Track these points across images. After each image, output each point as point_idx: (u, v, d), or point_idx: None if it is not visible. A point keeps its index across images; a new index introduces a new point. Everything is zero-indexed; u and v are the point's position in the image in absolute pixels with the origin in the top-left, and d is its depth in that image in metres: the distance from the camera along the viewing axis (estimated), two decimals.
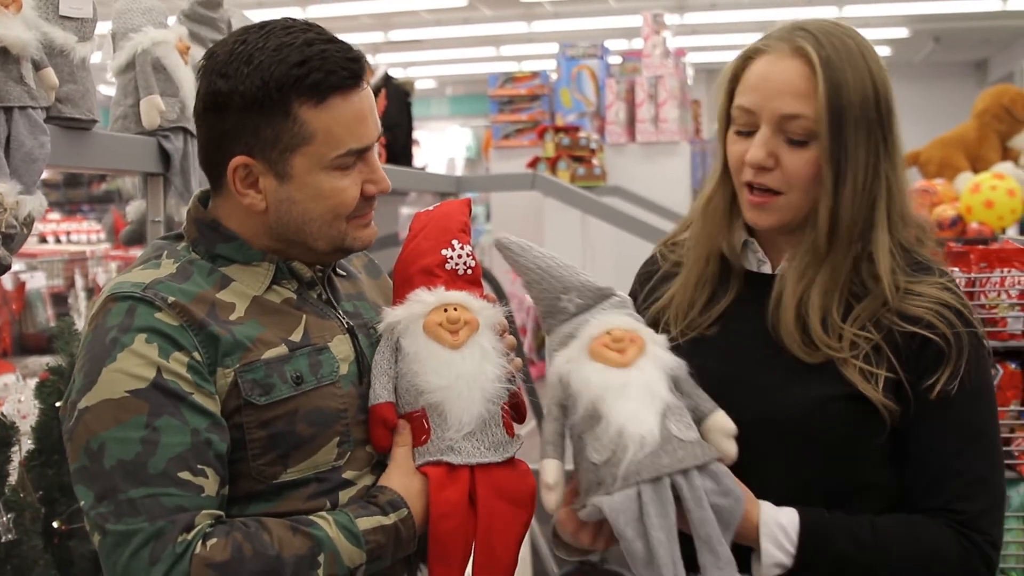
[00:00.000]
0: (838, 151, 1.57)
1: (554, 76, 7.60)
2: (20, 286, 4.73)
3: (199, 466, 1.42)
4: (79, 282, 5.14)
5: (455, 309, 1.61)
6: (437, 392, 1.57)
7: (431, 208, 1.76)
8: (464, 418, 1.56)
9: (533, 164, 6.15)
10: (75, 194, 9.73)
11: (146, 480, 1.40)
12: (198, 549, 1.38)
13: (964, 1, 12.64)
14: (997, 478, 1.63)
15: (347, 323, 1.64)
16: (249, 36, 1.53)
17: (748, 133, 1.62)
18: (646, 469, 1.45)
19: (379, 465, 1.61)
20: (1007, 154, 6.85)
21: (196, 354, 1.46)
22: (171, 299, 1.48)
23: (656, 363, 1.54)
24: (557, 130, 6.38)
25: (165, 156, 2.40)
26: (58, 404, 2.34)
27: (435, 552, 1.55)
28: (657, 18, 7.07)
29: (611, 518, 1.45)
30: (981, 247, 2.53)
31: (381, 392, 1.59)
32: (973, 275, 2.50)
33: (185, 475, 1.41)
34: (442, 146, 18.59)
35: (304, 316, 1.59)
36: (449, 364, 1.58)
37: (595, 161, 6.26)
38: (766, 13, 12.41)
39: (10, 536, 2.19)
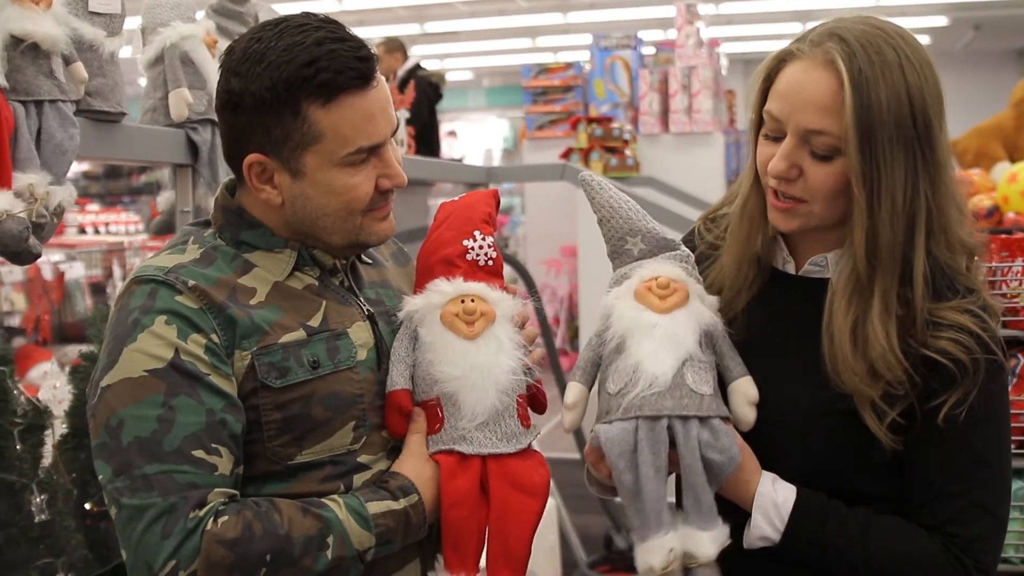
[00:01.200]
0: (870, 170, 1.50)
1: (587, 67, 7.61)
2: (59, 276, 4.81)
3: (213, 445, 1.46)
4: (117, 272, 5.22)
5: (472, 300, 1.64)
6: (451, 382, 1.60)
7: (457, 198, 1.79)
8: (477, 408, 1.59)
9: (566, 155, 6.16)
10: (115, 186, 9.82)
11: (161, 457, 1.43)
12: (209, 525, 1.42)
13: None
14: (996, 507, 1.58)
15: (367, 310, 1.66)
16: (264, 34, 1.55)
17: (776, 139, 1.59)
18: (648, 406, 1.52)
19: (394, 450, 1.64)
20: None
21: (214, 336, 1.50)
22: (191, 283, 1.52)
23: (692, 315, 1.60)
24: (590, 121, 6.39)
25: (193, 148, 2.45)
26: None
27: (448, 540, 1.58)
28: (691, 8, 7.06)
29: (605, 448, 1.53)
30: (1003, 236, 2.52)
31: (398, 379, 1.62)
32: (994, 264, 2.50)
33: (199, 453, 1.44)
34: (479, 137, 18.62)
35: (324, 302, 1.62)
36: (464, 355, 1.60)
37: (628, 152, 6.27)
38: (803, 2, 12.33)
39: (44, 517, 2.25)
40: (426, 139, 7.64)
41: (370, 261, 1.77)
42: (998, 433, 1.60)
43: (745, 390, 1.60)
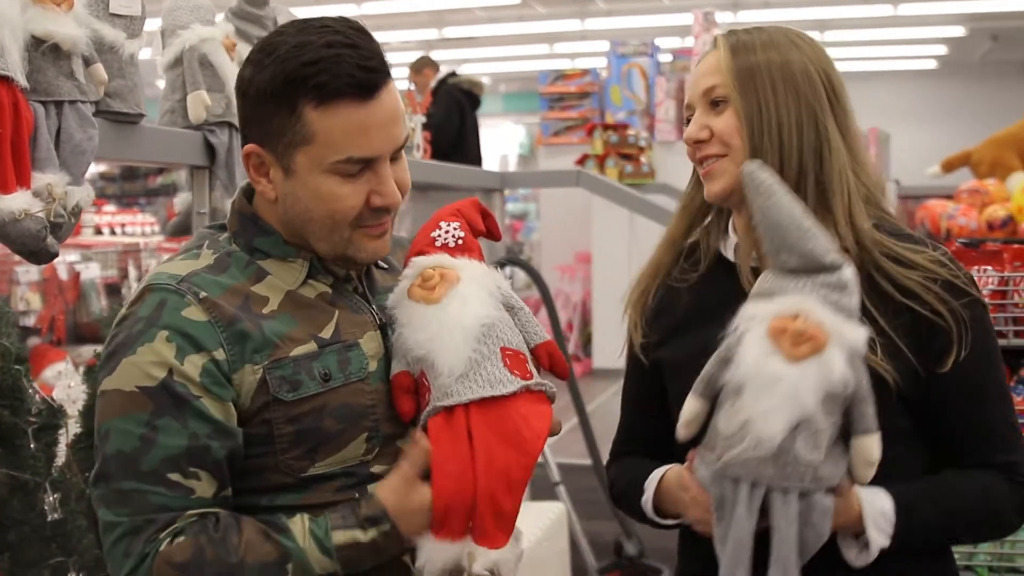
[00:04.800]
0: (750, 108, 1.67)
1: (604, 74, 7.62)
2: (75, 276, 4.83)
3: (191, 469, 1.46)
4: (132, 273, 5.22)
5: (433, 270, 1.64)
6: (423, 345, 1.57)
7: None
8: (452, 362, 1.55)
9: (582, 161, 6.17)
10: (132, 187, 9.84)
11: (137, 475, 1.45)
12: (163, 547, 1.43)
13: None
14: (1016, 420, 1.71)
15: (379, 319, 1.66)
16: (287, 28, 1.55)
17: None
18: (747, 470, 1.49)
19: None
20: None
21: (219, 352, 1.49)
22: (203, 294, 1.51)
23: (823, 371, 1.48)
24: (606, 127, 6.40)
25: (211, 150, 2.47)
26: None
27: (437, 504, 1.52)
28: (708, 16, 7.06)
29: (709, 489, 1.55)
30: (1016, 246, 2.52)
31: (395, 366, 1.62)
32: (1007, 274, 2.50)
33: (175, 476, 1.45)
34: (495, 143, 18.62)
35: (337, 312, 1.61)
36: (430, 318, 1.59)
37: (643, 159, 6.27)
38: (821, 12, 12.31)
39: (56, 516, 2.26)
40: (459, 146, 7.62)
41: (386, 266, 1.77)
42: (996, 357, 1.72)
43: (865, 450, 1.53)
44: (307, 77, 1.48)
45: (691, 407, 1.59)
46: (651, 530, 1.83)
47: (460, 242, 1.70)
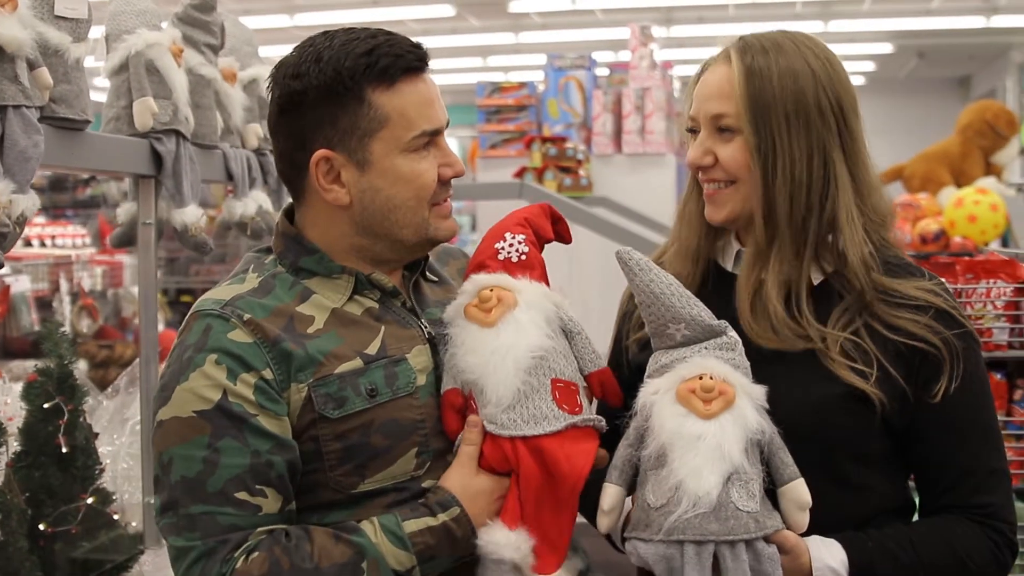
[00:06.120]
0: (763, 144, 1.64)
1: (541, 87, 7.61)
2: (5, 289, 4.70)
3: (258, 486, 1.47)
4: (64, 286, 5.11)
5: (491, 290, 1.63)
6: (474, 370, 1.58)
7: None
8: (500, 391, 1.56)
9: (520, 174, 6.15)
10: (60, 198, 9.65)
11: (204, 498, 1.46)
12: (239, 565, 1.43)
13: (948, 18, 12.72)
14: (1003, 463, 1.70)
15: (428, 332, 1.65)
16: (315, 40, 1.60)
17: (694, 140, 1.73)
18: (692, 529, 1.47)
19: None
20: (990, 169, 6.91)
21: (267, 371, 1.50)
22: (247, 316, 1.53)
23: (739, 422, 1.52)
24: (544, 140, 6.39)
25: (157, 158, 2.40)
26: (46, 406, 2.33)
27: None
28: (645, 30, 7.10)
29: (649, 564, 1.50)
30: (967, 259, 2.55)
31: (447, 382, 1.61)
32: (960, 286, 2.53)
33: (242, 495, 1.47)
34: None
35: (383, 327, 1.61)
36: (484, 342, 1.58)
37: (582, 172, 6.27)
38: (752, 27, 12.38)
39: None
40: None
41: (436, 279, 1.76)
42: (989, 395, 1.71)
43: (796, 495, 1.55)
44: (370, 64, 1.55)
45: (611, 495, 1.58)
46: (598, 544, 1.81)
47: (523, 258, 1.68)
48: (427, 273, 1.75)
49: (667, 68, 7.65)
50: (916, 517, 1.76)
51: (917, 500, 1.76)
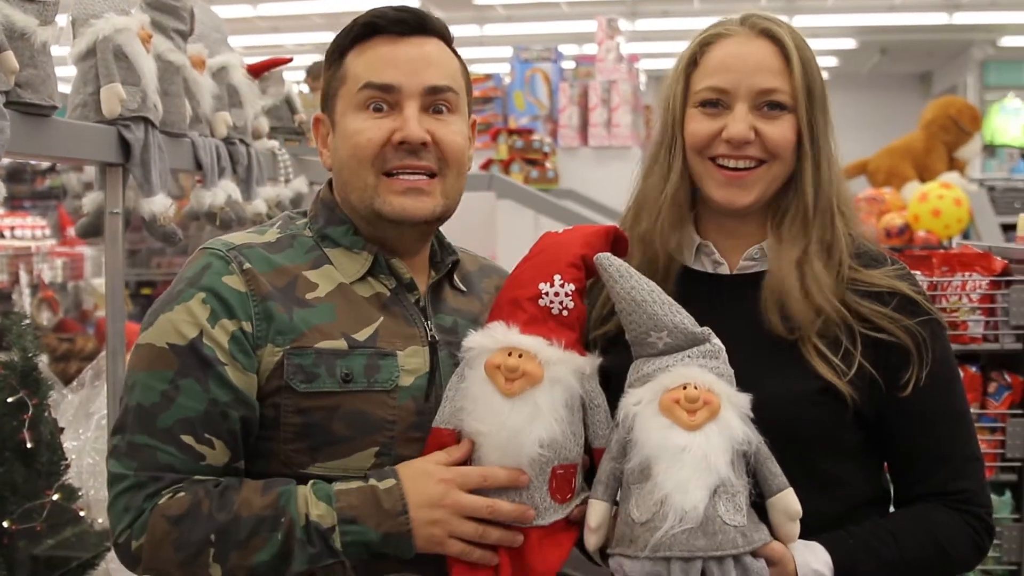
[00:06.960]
0: (814, 125, 1.64)
1: (507, 79, 7.59)
2: None
3: (206, 435, 1.47)
4: (24, 278, 5.04)
5: (520, 356, 1.51)
6: (477, 434, 1.51)
7: (565, 230, 1.66)
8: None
9: (486, 166, 6.13)
10: (18, 189, 9.52)
11: (151, 431, 1.46)
12: (161, 501, 1.44)
13: (910, 14, 12.82)
14: (978, 450, 1.70)
15: (431, 336, 1.60)
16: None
17: (715, 113, 1.66)
18: (679, 545, 1.43)
19: None
20: (953, 164, 6.96)
21: (247, 324, 1.50)
22: (247, 265, 1.53)
23: (724, 433, 1.48)
24: (510, 132, 6.38)
25: (125, 146, 2.34)
26: (10, 400, 2.28)
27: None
28: (611, 23, 7.08)
29: None
30: (943, 251, 2.55)
31: (442, 419, 1.54)
32: (935, 279, 2.53)
33: (188, 439, 1.46)
34: None
35: (383, 317, 1.57)
36: (497, 412, 1.49)
37: (548, 164, 6.27)
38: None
39: None
40: None
41: (464, 289, 1.71)
42: (959, 382, 1.72)
43: (785, 506, 1.51)
44: (351, 28, 1.60)
45: (598, 512, 1.54)
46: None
47: (565, 314, 1.56)
48: (455, 279, 1.70)
49: (633, 61, 7.64)
50: (891, 506, 1.76)
51: (892, 489, 1.76)
